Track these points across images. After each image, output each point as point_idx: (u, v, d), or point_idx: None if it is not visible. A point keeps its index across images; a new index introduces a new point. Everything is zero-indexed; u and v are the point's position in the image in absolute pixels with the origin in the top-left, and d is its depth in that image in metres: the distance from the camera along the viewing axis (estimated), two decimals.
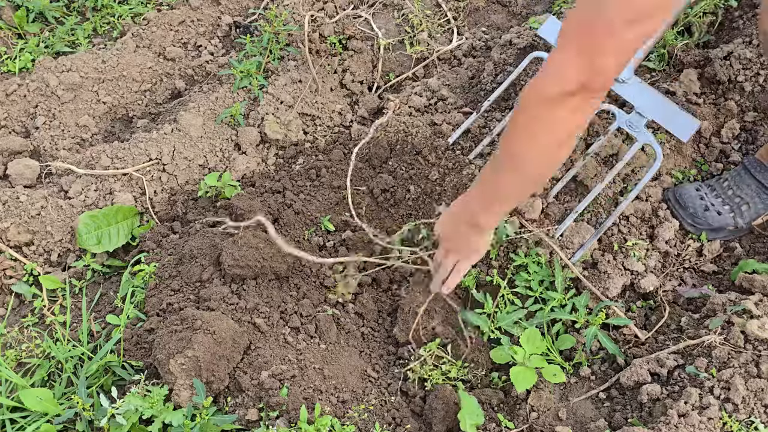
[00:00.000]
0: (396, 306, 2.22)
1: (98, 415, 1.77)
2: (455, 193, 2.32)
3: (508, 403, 2.00)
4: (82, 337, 2.06)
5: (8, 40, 3.06)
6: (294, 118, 2.72)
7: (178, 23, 3.12)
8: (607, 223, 2.20)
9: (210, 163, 2.61)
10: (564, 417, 1.91)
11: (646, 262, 2.22)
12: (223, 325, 1.89)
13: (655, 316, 2.16)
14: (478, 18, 3.22)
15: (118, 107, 2.87)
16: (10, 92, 2.73)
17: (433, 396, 1.91)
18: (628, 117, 2.26)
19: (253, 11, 3.23)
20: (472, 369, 2.05)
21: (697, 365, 1.86)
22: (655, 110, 2.21)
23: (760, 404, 1.75)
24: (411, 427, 1.88)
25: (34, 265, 2.29)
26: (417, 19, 3.08)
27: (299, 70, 2.84)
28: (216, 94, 2.74)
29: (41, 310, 2.22)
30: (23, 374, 1.99)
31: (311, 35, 2.86)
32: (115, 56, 2.90)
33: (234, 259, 2.09)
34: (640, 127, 2.23)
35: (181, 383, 1.78)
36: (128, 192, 2.48)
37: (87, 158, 2.52)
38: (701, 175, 2.47)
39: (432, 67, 3.01)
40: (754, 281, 2.07)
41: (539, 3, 3.24)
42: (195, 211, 2.51)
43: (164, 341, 1.84)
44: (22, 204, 2.34)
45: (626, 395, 1.95)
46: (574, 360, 2.08)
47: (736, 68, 2.44)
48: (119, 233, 2.37)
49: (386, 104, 2.79)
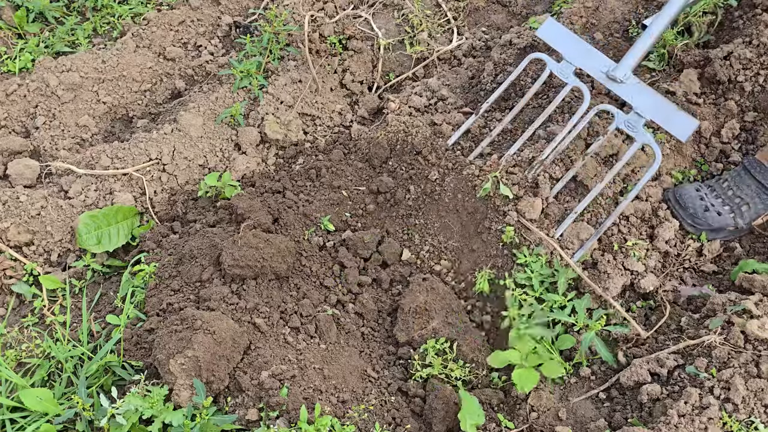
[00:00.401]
0: (396, 306, 2.22)
1: (98, 415, 1.77)
2: (454, 194, 2.32)
3: (508, 403, 2.00)
4: (82, 337, 2.06)
5: (8, 40, 3.06)
6: (294, 118, 2.72)
7: (178, 23, 3.12)
8: (607, 223, 2.20)
9: (210, 163, 2.61)
10: (564, 417, 1.92)
11: (646, 262, 2.22)
12: (223, 325, 1.89)
13: (655, 316, 2.16)
14: (478, 18, 3.22)
15: (118, 107, 2.87)
16: (10, 92, 2.73)
17: (433, 396, 1.91)
18: (626, 117, 2.26)
19: (253, 11, 3.23)
20: (473, 369, 2.05)
21: (697, 365, 1.86)
22: (653, 110, 2.20)
23: (760, 404, 1.75)
24: (411, 427, 1.88)
25: (34, 265, 2.29)
26: (417, 19, 3.08)
27: (299, 70, 2.84)
28: (216, 94, 2.74)
29: (41, 310, 2.22)
30: (23, 374, 1.99)
31: (311, 35, 2.86)
32: (115, 56, 2.90)
33: (234, 259, 2.09)
34: (639, 127, 2.23)
35: (181, 383, 1.78)
36: (128, 192, 2.48)
37: (87, 158, 2.52)
38: (701, 175, 2.47)
39: (432, 67, 3.01)
40: (754, 281, 2.07)
41: (539, 3, 3.24)
42: (195, 211, 2.51)
43: (164, 341, 1.84)
44: (22, 204, 2.34)
45: (626, 395, 1.96)
46: (574, 360, 2.08)
47: (736, 68, 2.45)
48: (119, 233, 2.37)
49: (386, 104, 2.79)
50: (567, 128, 2.29)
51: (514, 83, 2.63)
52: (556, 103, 2.35)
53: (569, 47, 2.35)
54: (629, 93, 2.24)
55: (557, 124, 2.44)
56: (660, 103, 2.21)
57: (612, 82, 2.26)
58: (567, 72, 2.35)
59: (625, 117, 2.26)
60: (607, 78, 2.27)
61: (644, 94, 2.23)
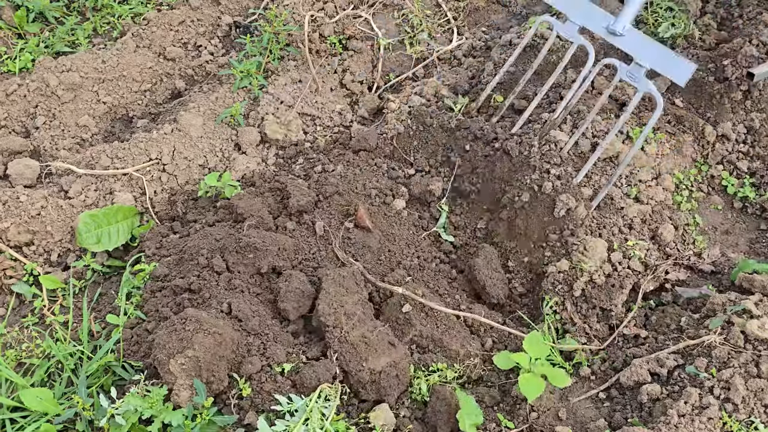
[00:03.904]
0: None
1: (98, 415, 1.77)
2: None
3: (508, 403, 2.00)
4: (83, 336, 2.06)
5: (8, 40, 3.06)
6: (294, 118, 2.72)
7: (178, 23, 3.12)
8: (617, 173, 2.27)
9: (210, 163, 2.61)
10: (564, 417, 1.91)
11: (646, 262, 2.22)
12: (223, 325, 1.89)
13: (655, 316, 2.16)
14: (478, 18, 3.23)
15: (118, 107, 2.87)
16: (10, 92, 2.73)
17: (435, 398, 1.90)
18: (628, 68, 2.31)
19: (253, 11, 3.23)
20: (470, 368, 2.05)
21: (697, 365, 1.86)
22: (652, 59, 2.24)
23: (760, 404, 1.75)
24: (413, 428, 1.88)
25: (34, 265, 2.29)
26: (417, 19, 3.08)
27: (299, 70, 2.84)
28: (216, 94, 2.74)
29: (41, 310, 2.22)
30: (23, 374, 1.98)
31: (311, 35, 2.86)
32: (115, 56, 2.90)
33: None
34: (641, 76, 2.27)
35: (181, 383, 1.78)
36: (128, 192, 2.48)
37: (87, 158, 2.52)
38: (701, 175, 2.48)
39: (432, 67, 3.01)
40: (754, 281, 2.07)
41: (539, 3, 3.24)
42: (195, 211, 2.51)
43: (164, 341, 1.84)
44: (22, 204, 2.34)
45: (626, 395, 1.95)
46: (574, 360, 2.08)
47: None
48: (119, 233, 2.37)
49: (386, 104, 2.79)
50: (576, 85, 2.39)
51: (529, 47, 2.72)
52: (566, 61, 2.44)
53: (571, 6, 2.42)
54: (629, 44, 2.29)
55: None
56: (659, 51, 2.24)
57: (613, 36, 2.32)
58: (572, 31, 2.43)
59: (627, 68, 2.32)
60: (608, 33, 2.33)
61: (643, 45, 2.27)
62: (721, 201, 2.47)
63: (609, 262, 2.20)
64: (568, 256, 2.19)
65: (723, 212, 2.46)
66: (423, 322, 2.08)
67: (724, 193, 2.49)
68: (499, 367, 2.02)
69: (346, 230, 2.30)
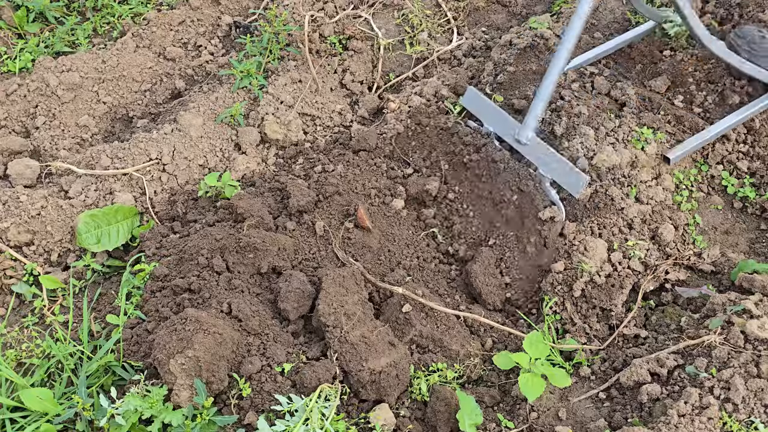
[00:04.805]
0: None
1: (98, 415, 1.77)
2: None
3: (508, 403, 2.00)
4: (83, 336, 2.06)
5: (8, 40, 3.06)
6: (294, 118, 2.72)
7: (178, 23, 3.12)
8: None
9: (210, 163, 2.61)
10: (564, 417, 1.91)
11: (646, 262, 2.22)
12: (223, 324, 1.89)
13: (655, 316, 2.16)
14: (478, 18, 3.22)
15: (118, 107, 2.87)
16: (10, 92, 2.73)
17: (435, 398, 1.91)
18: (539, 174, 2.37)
19: (253, 11, 3.23)
20: (470, 368, 2.05)
21: (697, 365, 1.86)
22: (551, 170, 2.30)
23: (760, 404, 1.75)
24: (413, 428, 1.88)
25: (34, 265, 2.29)
26: (417, 19, 3.08)
27: (299, 70, 2.85)
28: (216, 94, 2.74)
29: (41, 310, 2.22)
30: (23, 374, 1.99)
31: (311, 35, 2.86)
32: (115, 56, 2.90)
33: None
34: (546, 185, 2.33)
35: (181, 383, 1.78)
36: (128, 192, 2.48)
37: (87, 158, 2.52)
38: (701, 175, 2.48)
39: (432, 67, 3.01)
40: (754, 281, 2.07)
41: (539, 3, 3.24)
42: (195, 211, 2.51)
43: (164, 341, 1.84)
44: (22, 204, 2.34)
45: (626, 395, 1.95)
46: (574, 360, 2.08)
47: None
48: (119, 233, 2.37)
49: (386, 104, 2.79)
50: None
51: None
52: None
53: (485, 115, 2.51)
54: (532, 154, 2.36)
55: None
56: (557, 164, 2.29)
57: (519, 145, 2.37)
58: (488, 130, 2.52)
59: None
60: (515, 141, 2.39)
61: (545, 155, 2.32)
62: (721, 201, 2.47)
63: (609, 262, 2.20)
64: (569, 258, 2.20)
65: (723, 212, 2.46)
66: (423, 322, 2.08)
67: (724, 193, 2.49)
68: (499, 367, 2.02)
69: (346, 230, 2.30)
